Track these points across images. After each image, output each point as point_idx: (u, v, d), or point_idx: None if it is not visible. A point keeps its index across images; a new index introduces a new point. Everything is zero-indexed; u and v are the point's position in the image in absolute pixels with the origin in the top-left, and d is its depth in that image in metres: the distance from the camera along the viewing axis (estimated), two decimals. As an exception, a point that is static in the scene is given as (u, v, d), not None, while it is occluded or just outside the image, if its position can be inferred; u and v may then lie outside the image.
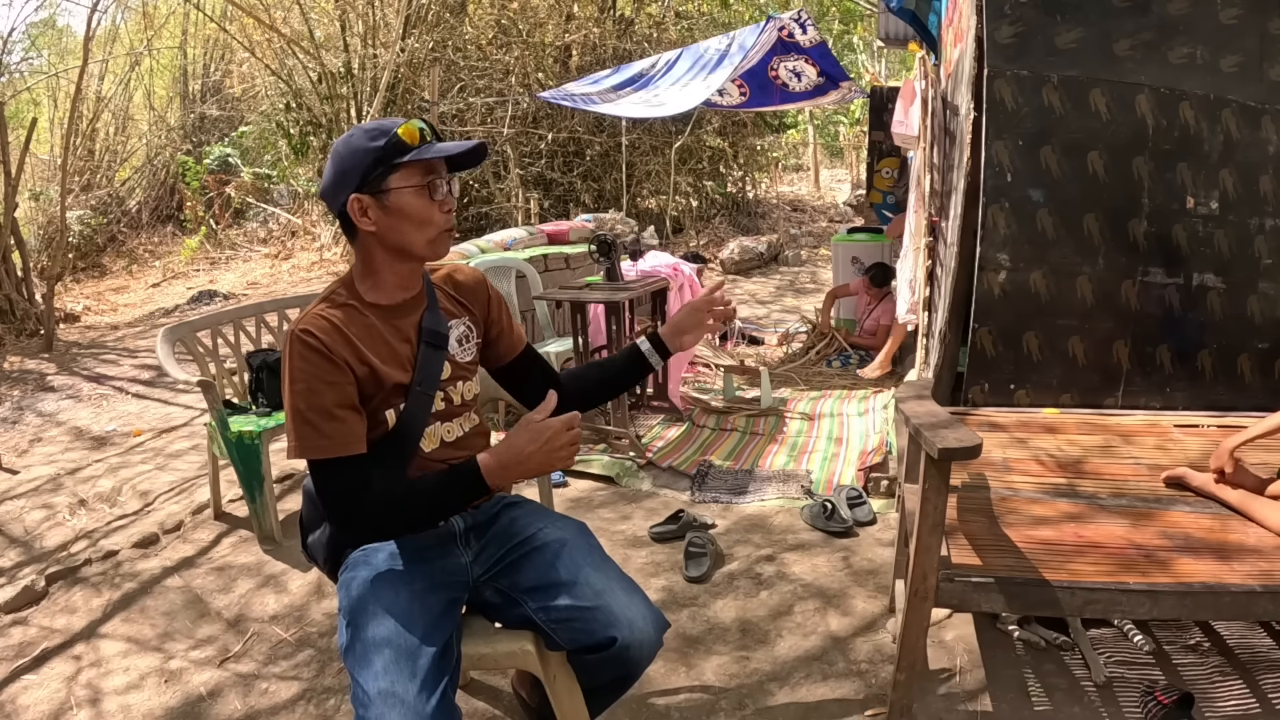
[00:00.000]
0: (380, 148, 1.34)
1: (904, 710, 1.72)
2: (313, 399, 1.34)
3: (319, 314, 1.38)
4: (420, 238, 1.40)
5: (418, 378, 1.45)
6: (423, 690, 1.28)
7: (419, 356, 1.46)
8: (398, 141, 1.34)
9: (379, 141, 1.34)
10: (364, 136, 1.36)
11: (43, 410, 4.92)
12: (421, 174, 1.37)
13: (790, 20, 5.17)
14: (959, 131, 2.80)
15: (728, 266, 8.57)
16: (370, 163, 1.34)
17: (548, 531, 1.56)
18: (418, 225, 1.38)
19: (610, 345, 3.69)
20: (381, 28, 8.76)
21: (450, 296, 1.56)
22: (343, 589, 1.47)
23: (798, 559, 2.61)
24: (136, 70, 12.07)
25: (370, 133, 1.36)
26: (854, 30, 11.39)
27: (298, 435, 1.35)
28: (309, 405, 1.34)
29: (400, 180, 1.36)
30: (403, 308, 1.47)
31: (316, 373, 1.34)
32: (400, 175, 1.35)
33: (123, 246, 11.12)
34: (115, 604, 2.59)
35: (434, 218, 1.39)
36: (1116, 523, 1.76)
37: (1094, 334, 2.46)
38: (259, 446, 2.80)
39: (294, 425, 1.35)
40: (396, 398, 1.44)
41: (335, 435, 1.35)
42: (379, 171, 1.35)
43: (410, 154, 1.35)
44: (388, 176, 1.35)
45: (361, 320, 1.41)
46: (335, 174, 1.38)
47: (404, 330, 1.46)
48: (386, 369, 1.41)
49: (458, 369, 1.54)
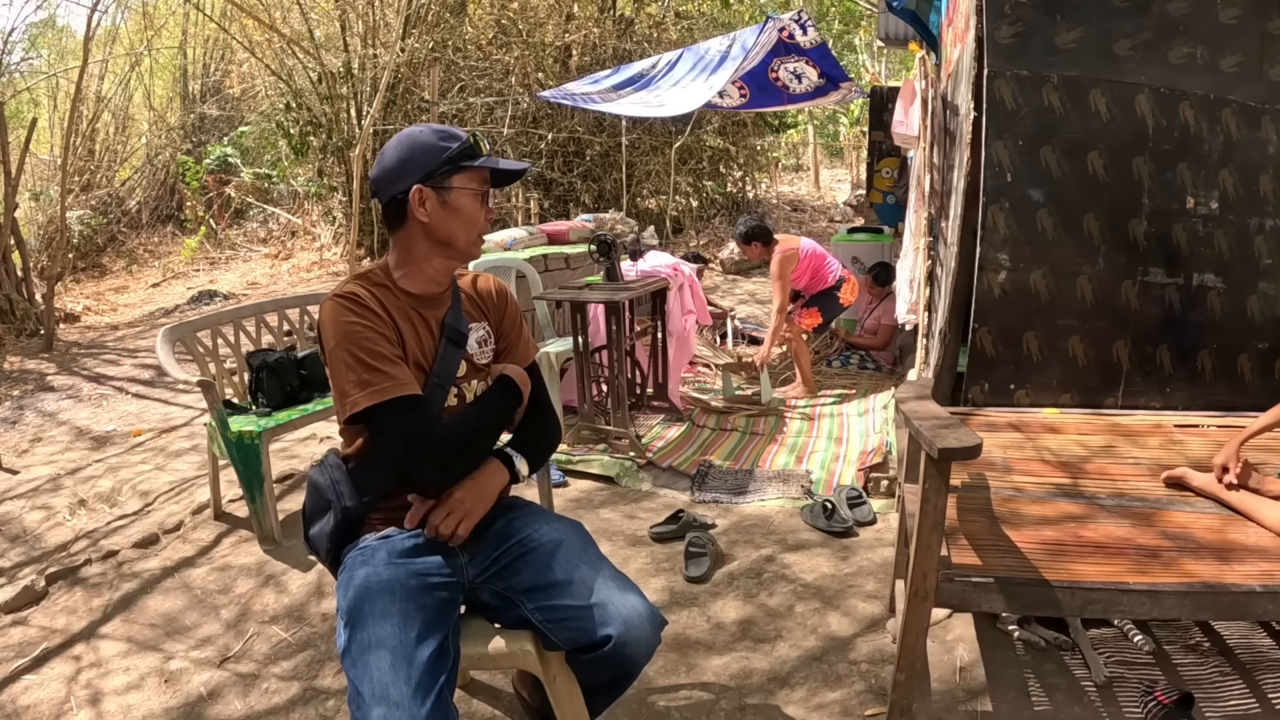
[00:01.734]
0: (452, 148, 1.46)
1: (904, 710, 1.72)
2: (369, 346, 1.41)
3: (358, 284, 1.48)
4: (466, 236, 1.51)
5: (435, 370, 1.52)
6: (418, 692, 1.29)
7: (439, 350, 1.54)
8: (469, 147, 1.47)
9: (450, 143, 1.47)
10: (434, 135, 1.48)
11: (43, 410, 4.92)
12: (480, 181, 1.50)
13: (790, 21, 5.16)
14: (959, 131, 2.80)
15: (728, 266, 8.57)
16: (441, 160, 1.45)
17: (544, 532, 1.56)
18: (467, 225, 1.50)
19: (610, 345, 3.68)
20: (381, 28, 8.76)
21: (473, 300, 1.64)
22: (341, 589, 1.47)
23: (798, 559, 2.61)
24: (136, 70, 12.05)
25: (440, 133, 1.49)
26: (854, 30, 11.38)
27: (362, 383, 1.40)
28: (367, 353, 1.41)
29: (463, 182, 1.48)
30: (431, 300, 1.55)
31: (367, 325, 1.42)
32: (464, 177, 1.48)
33: (123, 246, 11.11)
34: (115, 604, 2.59)
35: (480, 221, 1.51)
36: (1117, 523, 1.75)
37: (1094, 334, 2.46)
38: (259, 446, 2.79)
39: (356, 375, 1.40)
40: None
41: (400, 376, 1.43)
42: (445, 169, 1.46)
43: (480, 160, 1.48)
44: (452, 176, 1.47)
45: (394, 301, 1.50)
46: (398, 163, 1.47)
47: (429, 321, 1.54)
48: (413, 346, 1.50)
49: (473, 369, 1.60)
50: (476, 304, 1.64)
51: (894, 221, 6.11)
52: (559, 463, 3.42)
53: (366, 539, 1.54)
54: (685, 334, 4.17)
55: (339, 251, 9.18)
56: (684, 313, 4.13)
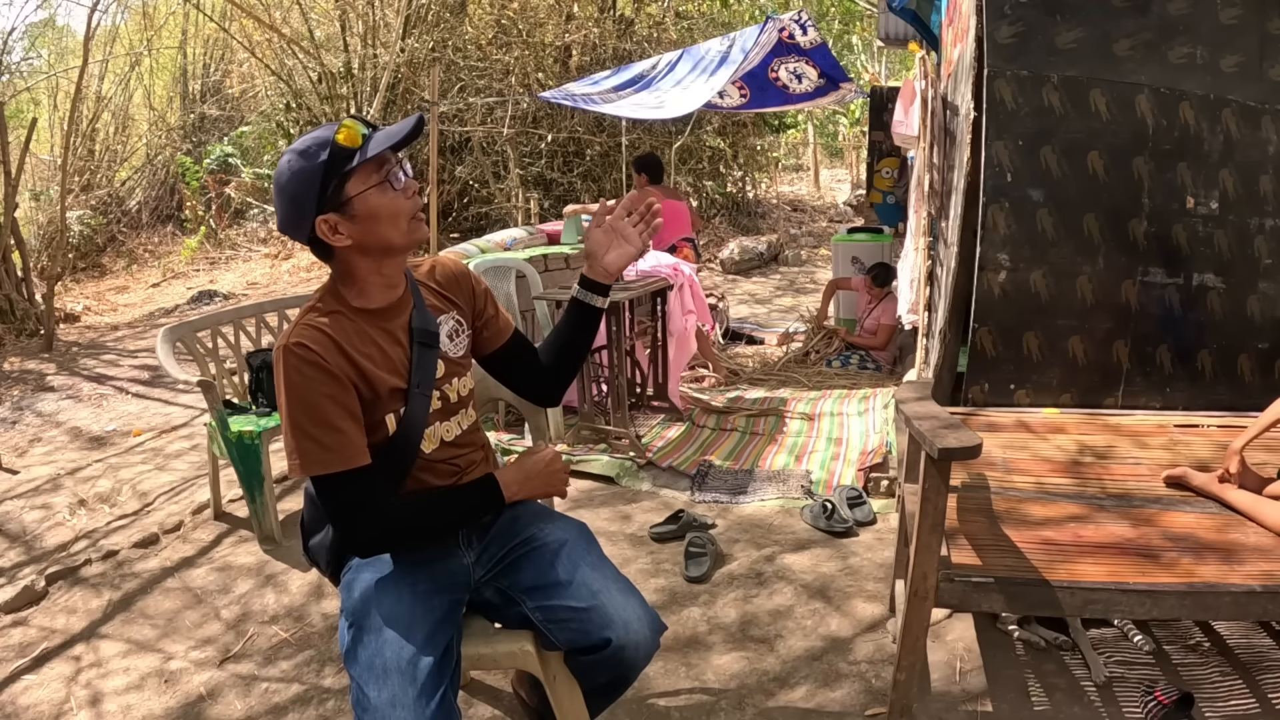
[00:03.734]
0: (324, 162, 1.30)
1: (904, 710, 1.72)
2: (312, 412, 1.31)
3: (308, 325, 1.35)
4: (398, 230, 1.36)
5: (414, 379, 1.43)
6: (423, 694, 1.28)
7: (412, 357, 1.44)
8: (338, 150, 1.30)
9: (320, 157, 1.30)
10: (301, 158, 1.31)
11: (42, 410, 4.92)
12: (375, 170, 1.33)
13: (790, 21, 5.16)
14: (959, 131, 2.80)
15: (728, 266, 8.57)
16: (321, 181, 1.30)
17: (548, 532, 1.56)
18: (390, 221, 1.35)
19: (610, 345, 3.68)
20: (381, 28, 8.76)
21: (435, 292, 1.53)
22: (344, 590, 1.47)
23: (798, 559, 2.61)
24: (136, 70, 12.06)
25: (306, 152, 1.31)
26: (853, 30, 11.38)
27: (300, 451, 1.32)
28: (309, 419, 1.31)
29: (357, 185, 1.32)
30: (390, 310, 1.43)
31: (314, 385, 1.32)
32: (355, 180, 1.32)
33: (123, 246, 11.12)
34: (115, 604, 2.59)
35: (401, 207, 1.36)
36: (1116, 523, 1.76)
37: (1094, 334, 2.46)
38: (259, 446, 2.79)
39: (295, 441, 1.32)
40: (395, 403, 1.41)
41: (338, 448, 1.32)
42: (333, 185, 1.31)
43: (357, 157, 1.31)
44: (343, 186, 1.31)
45: (351, 326, 1.38)
46: (289, 205, 1.34)
47: (394, 333, 1.43)
48: (382, 374, 1.39)
49: (451, 365, 1.51)
50: (439, 294, 1.53)
51: (894, 221, 6.10)
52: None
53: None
54: (685, 334, 4.17)
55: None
56: (684, 313, 4.13)
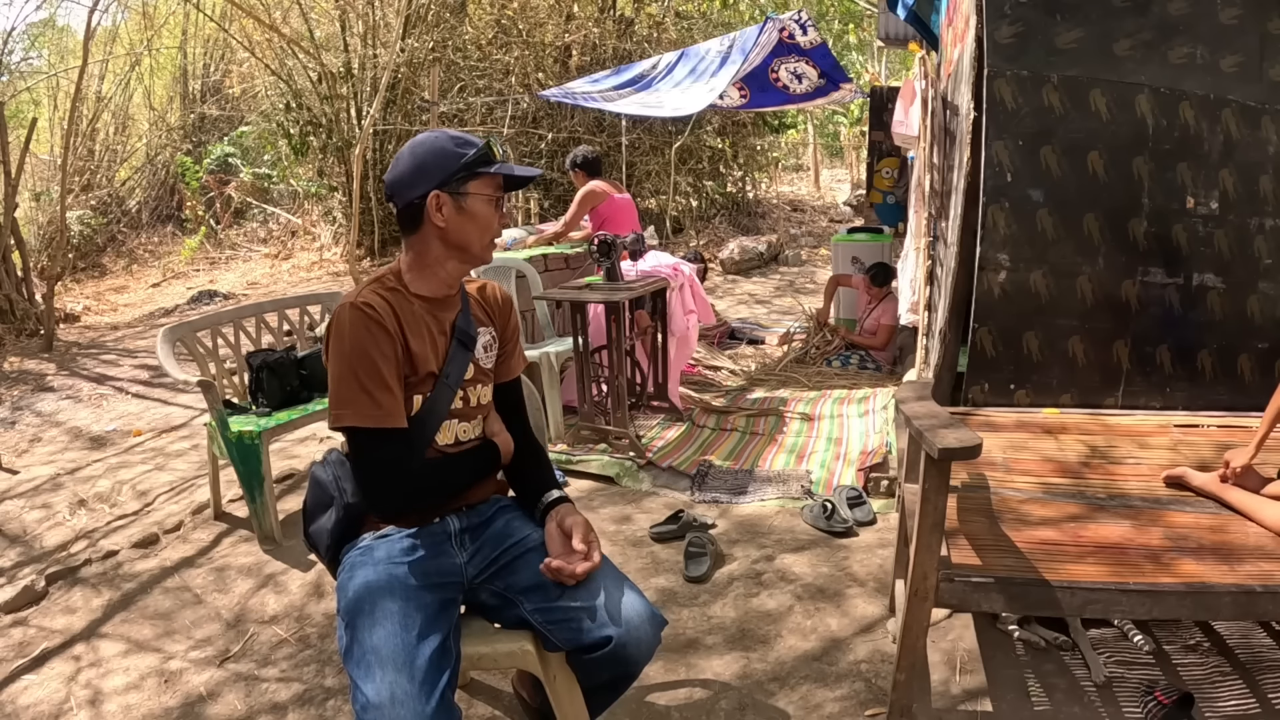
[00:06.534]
0: (468, 155, 1.48)
1: (904, 710, 1.72)
2: (371, 368, 1.42)
3: (375, 292, 1.48)
4: (480, 241, 1.52)
5: (445, 370, 1.54)
6: (422, 691, 1.29)
7: (449, 352, 1.55)
8: (486, 153, 1.49)
9: (466, 149, 1.48)
10: (450, 141, 1.50)
11: (42, 410, 4.92)
12: (495, 186, 1.52)
13: (790, 21, 5.17)
14: (959, 131, 2.80)
15: (728, 266, 8.57)
16: (457, 166, 1.47)
17: (544, 532, 1.56)
18: (481, 230, 1.51)
19: (610, 345, 3.68)
20: (381, 28, 8.76)
21: (481, 306, 1.66)
22: (340, 590, 1.47)
23: (798, 559, 2.61)
24: (136, 70, 12.05)
25: (456, 140, 1.50)
26: (852, 30, 11.38)
27: (351, 402, 1.41)
28: (366, 373, 1.42)
29: (479, 187, 1.50)
30: (443, 303, 1.57)
31: (374, 342, 1.43)
32: (480, 183, 1.50)
33: (123, 246, 11.11)
34: (115, 604, 2.58)
35: (494, 226, 1.53)
36: (1116, 523, 1.75)
37: (1094, 334, 2.46)
38: (259, 446, 2.79)
39: (346, 392, 1.41)
40: (425, 386, 1.53)
41: (388, 406, 1.44)
42: (461, 175, 1.47)
43: (495, 166, 1.50)
44: (469, 181, 1.48)
45: (408, 307, 1.51)
46: (414, 169, 1.48)
47: (441, 324, 1.56)
48: (424, 354, 1.51)
49: (479, 372, 1.61)
50: (484, 309, 1.66)
51: (894, 221, 6.11)
52: (559, 462, 3.42)
53: (366, 537, 1.55)
54: (685, 334, 4.17)
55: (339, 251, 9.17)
56: (685, 313, 4.13)
